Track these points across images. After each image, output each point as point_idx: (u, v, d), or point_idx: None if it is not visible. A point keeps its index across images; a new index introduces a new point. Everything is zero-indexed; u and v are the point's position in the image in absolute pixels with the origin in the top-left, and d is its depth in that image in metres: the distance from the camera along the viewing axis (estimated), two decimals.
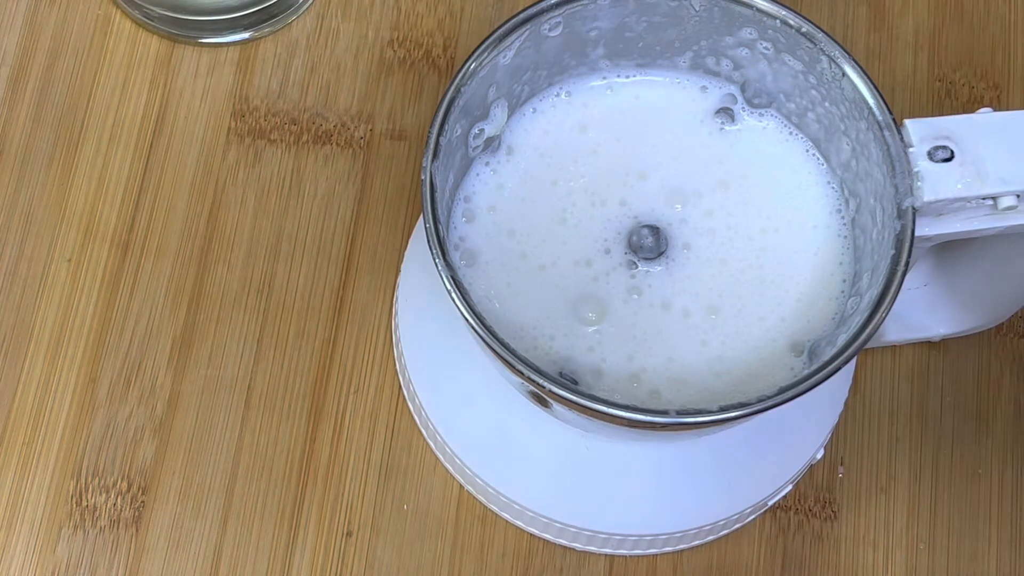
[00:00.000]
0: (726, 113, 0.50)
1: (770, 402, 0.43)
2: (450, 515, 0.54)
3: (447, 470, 0.55)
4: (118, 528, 0.53)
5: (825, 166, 0.50)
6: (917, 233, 0.45)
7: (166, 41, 0.61)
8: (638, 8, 0.48)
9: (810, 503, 0.55)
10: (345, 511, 0.54)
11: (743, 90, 0.50)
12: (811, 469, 0.55)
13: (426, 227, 0.44)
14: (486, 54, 0.46)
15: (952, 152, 0.45)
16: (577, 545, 0.53)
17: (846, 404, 0.54)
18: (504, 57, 0.47)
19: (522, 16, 0.47)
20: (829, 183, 0.49)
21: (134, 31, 0.61)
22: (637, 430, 0.46)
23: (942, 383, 0.57)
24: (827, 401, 0.53)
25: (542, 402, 0.47)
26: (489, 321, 0.44)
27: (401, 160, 0.59)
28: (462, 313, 0.44)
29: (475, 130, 0.48)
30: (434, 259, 0.44)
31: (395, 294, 0.56)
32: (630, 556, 0.54)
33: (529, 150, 0.50)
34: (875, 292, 0.45)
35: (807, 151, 0.50)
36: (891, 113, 0.46)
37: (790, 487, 0.53)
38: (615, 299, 0.48)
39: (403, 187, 0.59)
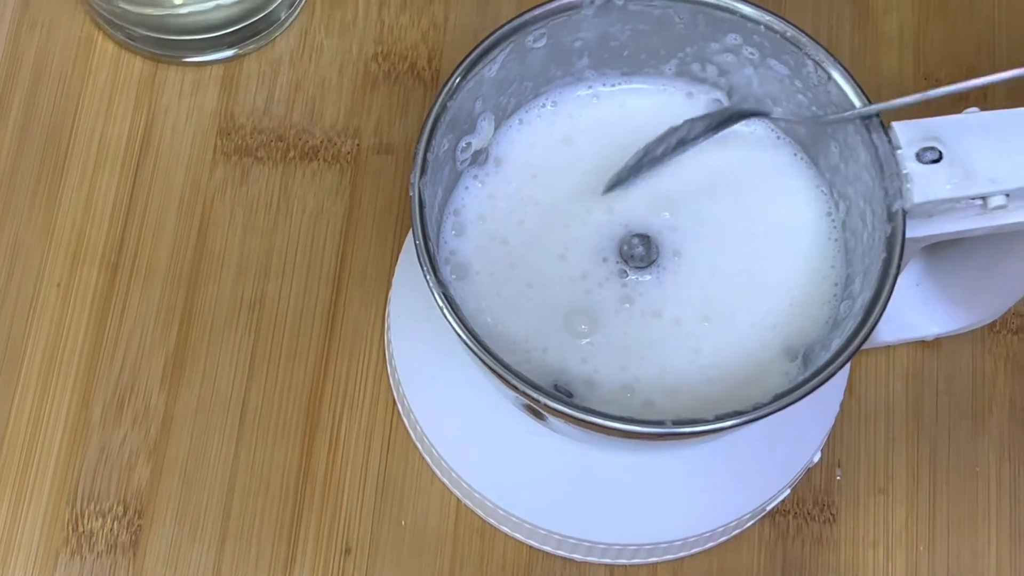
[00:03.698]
0: None
1: (765, 410, 0.43)
2: (448, 529, 0.54)
3: (444, 484, 0.54)
4: (115, 553, 0.53)
5: (813, 170, 0.49)
6: (908, 235, 0.45)
7: (149, 61, 0.60)
8: (622, 17, 0.48)
9: (809, 506, 0.55)
10: (343, 528, 0.54)
11: (729, 96, 0.50)
12: (809, 472, 0.55)
13: (416, 244, 0.44)
14: (471, 68, 0.46)
15: (940, 153, 0.45)
16: (577, 556, 0.53)
17: (841, 406, 0.54)
18: (489, 70, 0.47)
19: (506, 29, 0.47)
20: (818, 187, 0.49)
21: (117, 52, 0.61)
22: (633, 440, 0.46)
23: (937, 382, 0.57)
24: (823, 404, 0.53)
25: (537, 415, 0.47)
26: (482, 336, 0.44)
27: (389, 174, 0.59)
28: (455, 329, 0.44)
29: (462, 144, 0.48)
30: (425, 276, 0.44)
31: (387, 309, 0.56)
32: (630, 565, 0.54)
33: (516, 161, 0.50)
34: (868, 295, 0.45)
35: (795, 155, 0.50)
36: (878, 116, 0.46)
37: (788, 491, 0.53)
38: (606, 309, 0.48)
39: (392, 201, 0.59)
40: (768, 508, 0.53)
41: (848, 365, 0.55)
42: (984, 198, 0.45)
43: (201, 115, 0.60)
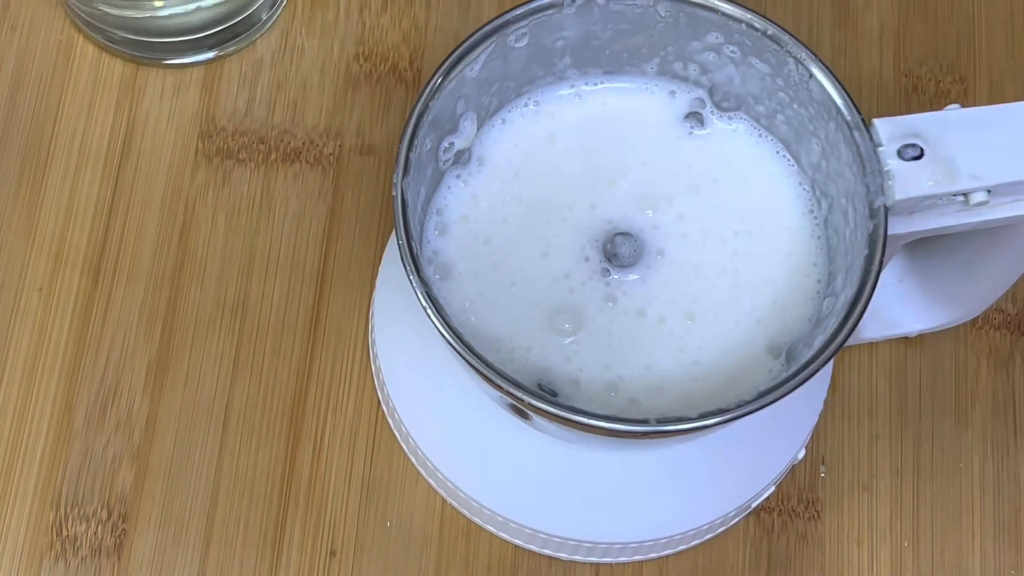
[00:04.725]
0: (695, 117, 0.50)
1: (749, 407, 0.43)
2: (434, 530, 0.54)
3: (429, 484, 0.54)
4: (99, 557, 0.53)
5: (796, 167, 0.50)
6: (890, 231, 0.45)
7: (130, 64, 0.60)
8: (603, 16, 0.48)
9: (793, 503, 0.55)
10: (328, 530, 0.54)
11: (711, 94, 0.50)
12: (793, 469, 0.55)
13: (399, 244, 0.44)
14: (453, 68, 0.46)
15: (922, 150, 0.45)
16: (563, 555, 0.53)
17: (825, 403, 0.54)
18: (471, 70, 0.47)
19: (488, 28, 0.47)
20: (800, 184, 0.49)
21: (97, 55, 0.60)
22: (618, 439, 0.46)
23: (920, 378, 0.57)
24: (806, 401, 0.53)
25: (522, 414, 0.47)
26: (465, 335, 0.44)
27: (371, 175, 0.59)
28: (438, 329, 0.44)
29: (445, 144, 0.48)
30: (408, 276, 0.44)
31: (371, 309, 0.56)
32: (615, 564, 0.54)
33: (499, 160, 0.50)
34: (850, 292, 0.45)
35: (777, 153, 0.50)
36: (859, 113, 0.46)
37: (773, 488, 0.53)
38: (590, 308, 0.48)
39: (374, 201, 0.59)
40: (753, 505, 0.53)
41: (831, 362, 0.55)
42: (966, 194, 0.45)
43: (182, 117, 0.60)
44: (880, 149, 0.45)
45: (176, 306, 0.57)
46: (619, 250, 0.48)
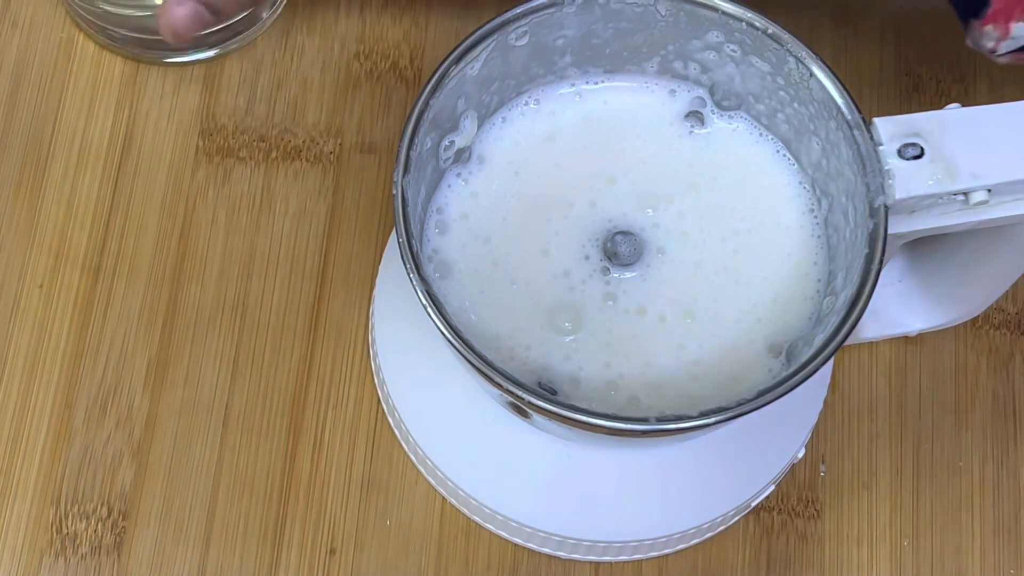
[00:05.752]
0: (695, 116, 0.50)
1: (749, 406, 0.43)
2: (433, 528, 0.54)
3: (429, 483, 0.54)
4: (99, 554, 0.53)
5: (796, 166, 0.50)
6: (890, 231, 0.45)
7: (131, 62, 0.60)
8: (604, 15, 0.48)
9: (793, 502, 0.55)
10: (328, 528, 0.54)
11: (712, 93, 0.50)
12: (793, 468, 0.55)
13: (399, 242, 0.44)
14: (453, 66, 0.46)
15: (922, 149, 0.45)
16: (562, 553, 0.53)
17: (825, 402, 0.54)
18: (472, 68, 0.47)
19: (489, 26, 0.47)
20: (800, 183, 0.49)
21: (98, 53, 0.60)
22: (617, 437, 0.46)
23: (920, 377, 0.57)
24: (806, 400, 0.53)
25: (522, 413, 0.47)
26: (465, 334, 0.44)
27: (372, 173, 0.59)
28: (438, 327, 0.44)
29: (445, 142, 0.48)
30: (408, 274, 0.44)
31: (371, 307, 0.56)
32: (615, 562, 0.54)
33: (499, 159, 0.50)
34: (850, 291, 0.45)
35: (777, 152, 0.50)
36: (860, 112, 0.46)
37: (772, 487, 0.53)
38: (590, 306, 0.48)
39: (375, 200, 0.59)
40: (752, 504, 0.53)
41: (831, 361, 0.55)
42: (966, 194, 0.45)
43: (183, 115, 0.60)
44: (880, 148, 0.45)
45: (176, 304, 0.57)
46: (619, 248, 0.48)
